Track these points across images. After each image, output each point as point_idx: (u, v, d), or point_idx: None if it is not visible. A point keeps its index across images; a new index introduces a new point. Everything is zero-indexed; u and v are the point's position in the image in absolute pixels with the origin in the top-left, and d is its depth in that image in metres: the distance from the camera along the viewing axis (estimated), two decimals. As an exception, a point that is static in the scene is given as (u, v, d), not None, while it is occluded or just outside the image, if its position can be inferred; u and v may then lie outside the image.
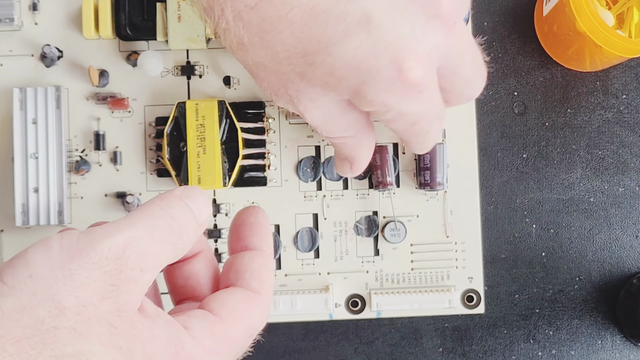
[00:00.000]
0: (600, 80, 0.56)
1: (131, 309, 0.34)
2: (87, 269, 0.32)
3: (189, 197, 0.38)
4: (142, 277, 0.34)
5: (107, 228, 0.34)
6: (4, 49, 0.54)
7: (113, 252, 0.33)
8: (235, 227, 0.42)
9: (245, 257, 0.40)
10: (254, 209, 0.42)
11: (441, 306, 0.54)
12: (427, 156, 0.54)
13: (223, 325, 0.37)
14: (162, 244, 0.35)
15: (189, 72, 0.55)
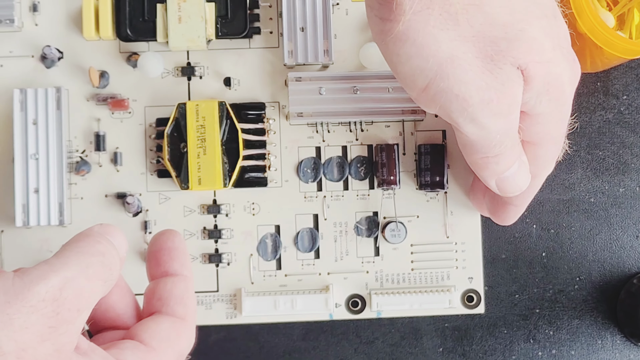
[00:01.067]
0: (600, 81, 0.56)
1: (69, 349, 0.34)
2: (24, 312, 0.32)
3: (108, 234, 0.38)
4: (79, 316, 0.34)
5: (42, 269, 0.34)
6: (4, 50, 0.54)
7: (50, 294, 0.33)
8: (154, 253, 0.42)
9: (167, 283, 0.41)
10: (171, 233, 0.42)
11: (441, 306, 0.54)
12: (428, 157, 0.54)
13: (155, 356, 0.38)
14: (95, 282, 0.35)
15: (189, 73, 0.55)
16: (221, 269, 0.54)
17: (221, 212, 0.54)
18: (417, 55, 0.35)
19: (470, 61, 0.35)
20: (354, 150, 0.55)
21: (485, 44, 0.35)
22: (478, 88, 0.36)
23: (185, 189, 0.52)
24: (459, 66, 0.35)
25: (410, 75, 0.36)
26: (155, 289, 0.41)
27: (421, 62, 0.35)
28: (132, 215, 0.54)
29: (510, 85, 0.37)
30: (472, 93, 0.36)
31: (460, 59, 0.35)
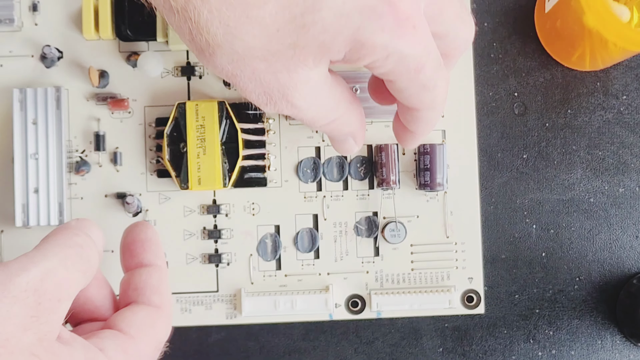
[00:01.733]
0: (600, 81, 0.56)
1: (51, 338, 0.35)
2: (7, 303, 0.33)
3: (85, 227, 0.39)
4: (60, 306, 0.35)
5: (22, 261, 0.35)
6: (4, 49, 0.54)
7: (31, 285, 0.34)
8: (127, 245, 0.44)
9: (142, 274, 0.42)
10: (143, 225, 0.44)
11: (441, 306, 0.54)
12: (427, 157, 0.54)
13: (134, 344, 0.39)
14: (75, 273, 0.37)
15: (189, 72, 0.55)
16: (221, 269, 0.54)
17: (221, 212, 0.54)
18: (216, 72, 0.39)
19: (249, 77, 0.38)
20: (353, 150, 0.55)
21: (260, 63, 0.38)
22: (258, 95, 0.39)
23: (185, 188, 0.52)
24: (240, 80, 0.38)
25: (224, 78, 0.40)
26: (131, 279, 0.42)
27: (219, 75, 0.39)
28: (132, 215, 0.54)
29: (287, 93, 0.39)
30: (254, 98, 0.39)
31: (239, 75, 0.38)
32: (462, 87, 0.55)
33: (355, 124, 0.45)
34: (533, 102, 0.56)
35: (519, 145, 0.56)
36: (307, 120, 0.41)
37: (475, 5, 0.56)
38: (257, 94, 0.39)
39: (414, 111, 0.43)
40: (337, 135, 0.45)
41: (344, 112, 0.43)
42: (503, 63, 0.56)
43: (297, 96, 0.39)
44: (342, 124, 0.44)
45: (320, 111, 0.41)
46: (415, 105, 0.42)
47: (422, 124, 0.44)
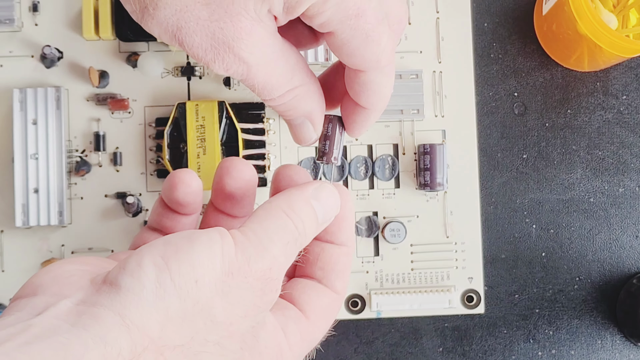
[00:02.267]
0: (600, 81, 0.56)
1: (261, 327, 0.35)
2: (241, 288, 0.33)
3: (317, 198, 0.38)
4: (275, 295, 0.35)
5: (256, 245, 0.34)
6: (4, 49, 0.54)
7: (262, 273, 0.34)
8: None
9: (333, 254, 0.40)
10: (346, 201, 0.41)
11: (441, 306, 0.54)
12: (427, 157, 0.54)
13: (312, 330, 0.39)
14: (290, 259, 0.36)
15: (189, 73, 0.55)
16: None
17: (221, 212, 0.54)
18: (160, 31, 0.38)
19: (194, 28, 0.37)
20: (353, 150, 0.55)
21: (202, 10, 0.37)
22: (205, 50, 0.38)
23: (185, 188, 0.52)
24: (186, 34, 0.37)
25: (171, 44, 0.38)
26: (320, 256, 0.40)
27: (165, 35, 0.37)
28: (132, 215, 0.54)
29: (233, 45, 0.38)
30: (201, 54, 0.38)
31: (184, 27, 0.37)
32: (462, 87, 0.55)
33: (314, 103, 0.43)
34: (533, 102, 0.56)
35: (518, 145, 0.56)
36: (260, 85, 0.40)
37: (475, 5, 0.56)
38: (203, 49, 0.38)
39: (361, 74, 0.41)
40: (294, 115, 0.43)
41: (301, 84, 0.41)
42: (503, 63, 0.56)
43: (243, 47, 0.38)
44: (298, 98, 0.42)
45: (272, 74, 0.40)
46: (360, 64, 0.41)
47: (372, 93, 0.42)
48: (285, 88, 0.40)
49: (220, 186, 0.42)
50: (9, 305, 0.34)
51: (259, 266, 0.34)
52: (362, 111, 0.43)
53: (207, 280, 0.32)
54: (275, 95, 0.40)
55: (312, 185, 0.39)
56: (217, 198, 0.42)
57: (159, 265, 0.32)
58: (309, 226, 0.37)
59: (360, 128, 0.45)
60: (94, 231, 0.54)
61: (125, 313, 0.30)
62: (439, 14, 0.55)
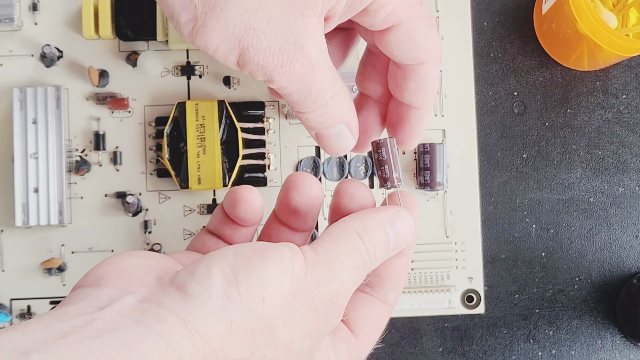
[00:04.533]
0: (600, 81, 0.56)
1: (317, 349, 0.35)
2: (306, 309, 0.33)
3: (392, 225, 0.37)
4: (338, 320, 0.35)
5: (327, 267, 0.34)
6: (4, 49, 0.54)
7: (329, 297, 0.33)
8: None
9: (391, 262, 0.39)
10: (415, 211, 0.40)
11: (441, 306, 0.54)
12: (427, 156, 0.54)
13: (360, 349, 0.38)
14: (357, 284, 0.36)
15: (189, 72, 0.55)
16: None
17: (221, 211, 0.54)
18: (221, 39, 0.37)
19: (264, 28, 0.36)
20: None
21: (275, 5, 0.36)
22: (273, 53, 0.37)
23: (185, 188, 0.52)
24: (254, 36, 0.36)
25: (226, 59, 0.38)
26: None
27: (226, 44, 0.37)
28: (131, 214, 0.54)
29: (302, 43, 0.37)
30: (268, 59, 0.37)
31: (254, 28, 0.36)
32: (461, 87, 0.55)
33: (350, 107, 0.42)
34: (533, 101, 0.56)
35: (518, 145, 0.56)
36: (315, 90, 0.39)
37: (475, 4, 0.56)
38: (271, 53, 0.37)
39: (419, 68, 0.41)
40: (333, 122, 0.42)
41: (341, 88, 0.41)
42: (503, 62, 0.56)
43: (312, 44, 0.37)
44: (339, 104, 0.41)
45: (326, 76, 0.39)
46: (422, 55, 0.41)
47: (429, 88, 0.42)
48: (332, 92, 0.40)
49: (286, 200, 0.41)
50: (71, 293, 0.33)
51: (327, 290, 0.33)
52: (416, 114, 0.43)
53: (274, 298, 0.32)
54: (324, 101, 0.40)
55: (389, 211, 0.38)
56: (281, 211, 0.42)
57: (227, 277, 0.31)
58: (380, 252, 0.37)
59: (417, 134, 0.44)
60: (94, 231, 0.54)
61: (189, 319, 0.30)
62: (439, 14, 0.55)
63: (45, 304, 0.54)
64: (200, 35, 0.37)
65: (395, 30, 0.40)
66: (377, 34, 0.41)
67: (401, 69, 0.42)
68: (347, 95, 0.42)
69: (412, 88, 0.42)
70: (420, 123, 0.44)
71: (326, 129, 0.42)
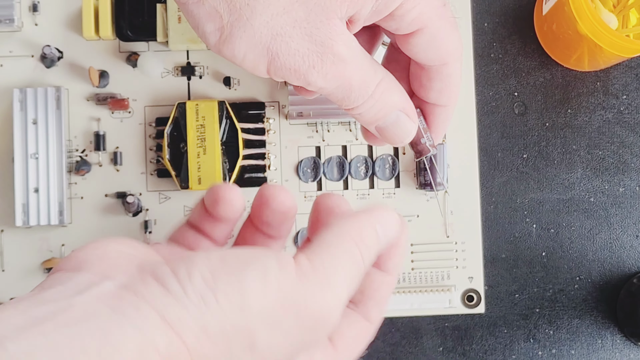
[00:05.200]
0: (600, 81, 0.56)
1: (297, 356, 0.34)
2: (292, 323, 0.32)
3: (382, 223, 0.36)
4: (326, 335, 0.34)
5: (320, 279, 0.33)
6: (4, 49, 0.54)
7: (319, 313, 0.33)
8: None
9: (376, 280, 0.39)
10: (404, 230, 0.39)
11: (441, 306, 0.54)
12: (427, 157, 0.54)
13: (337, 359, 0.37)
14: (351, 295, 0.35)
15: (189, 72, 0.55)
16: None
17: (221, 211, 0.54)
18: (248, 48, 0.37)
19: (290, 32, 0.37)
20: (353, 149, 0.55)
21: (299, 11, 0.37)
22: (303, 56, 0.37)
23: (185, 188, 0.52)
24: (282, 41, 0.37)
25: (255, 67, 0.38)
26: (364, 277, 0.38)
27: (254, 52, 0.37)
28: (132, 215, 0.54)
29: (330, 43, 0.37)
30: (299, 62, 0.37)
31: (281, 34, 0.37)
32: (462, 87, 0.55)
33: (401, 92, 0.41)
34: (533, 101, 0.56)
35: (519, 145, 0.56)
36: (356, 84, 0.39)
37: (475, 5, 0.56)
38: (301, 55, 0.37)
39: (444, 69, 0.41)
40: (387, 111, 0.41)
41: (385, 75, 0.40)
42: (503, 63, 0.56)
43: (340, 43, 0.37)
44: (387, 91, 0.41)
45: (364, 68, 0.39)
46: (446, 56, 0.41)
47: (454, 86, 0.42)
48: (375, 81, 0.40)
49: (258, 213, 0.40)
50: (51, 275, 0.33)
51: (316, 306, 0.32)
52: (442, 111, 0.43)
53: (254, 308, 0.31)
54: (369, 92, 0.40)
55: (378, 210, 0.37)
56: (255, 219, 0.41)
57: (207, 281, 0.31)
58: (373, 255, 0.36)
59: (443, 130, 0.44)
60: (94, 231, 0.54)
61: (165, 313, 0.30)
62: (439, 14, 0.55)
63: (46, 304, 0.54)
64: (228, 45, 0.37)
65: (420, 34, 0.40)
66: (401, 37, 0.41)
67: (425, 70, 0.42)
68: (393, 81, 0.41)
69: (437, 88, 0.42)
70: (446, 120, 0.44)
71: (383, 119, 0.41)
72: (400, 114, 0.41)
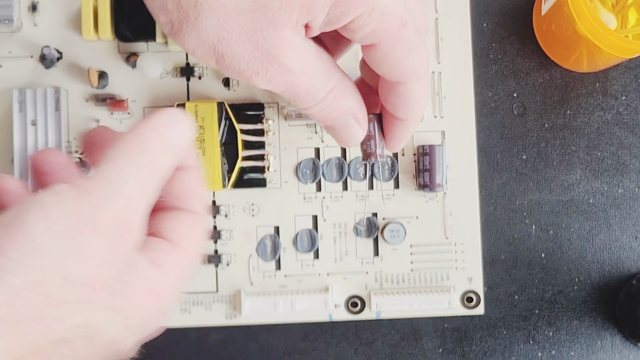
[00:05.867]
0: (599, 82, 0.56)
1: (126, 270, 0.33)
2: (92, 238, 0.32)
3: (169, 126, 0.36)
4: (137, 236, 0.34)
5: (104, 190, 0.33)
6: (3, 50, 0.54)
7: (114, 219, 0.32)
8: None
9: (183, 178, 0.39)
10: None
11: (441, 307, 0.54)
12: (427, 158, 0.54)
13: (184, 255, 0.37)
14: (151, 195, 0.35)
15: (188, 73, 0.55)
16: (220, 269, 0.54)
17: (220, 212, 0.54)
18: (197, 45, 0.38)
19: (236, 38, 0.37)
20: (353, 151, 0.55)
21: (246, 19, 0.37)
22: (247, 62, 0.38)
23: (185, 189, 0.52)
24: (228, 45, 0.37)
25: (205, 61, 0.39)
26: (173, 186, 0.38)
27: (202, 49, 0.38)
28: (131, 216, 0.54)
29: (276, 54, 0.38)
30: (243, 67, 0.38)
31: (227, 39, 0.37)
32: (461, 88, 0.55)
33: (354, 99, 0.42)
34: (532, 102, 0.56)
35: (518, 146, 0.56)
36: (304, 91, 0.40)
37: (474, 5, 0.56)
38: (246, 61, 0.38)
39: (400, 86, 0.42)
40: (337, 115, 0.42)
41: (338, 82, 0.41)
42: (502, 64, 0.56)
43: (287, 54, 0.38)
44: (339, 97, 0.41)
45: (313, 76, 0.40)
46: (402, 75, 0.41)
47: (411, 104, 0.43)
48: (326, 89, 0.40)
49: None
50: None
51: (110, 212, 0.32)
52: (400, 124, 0.44)
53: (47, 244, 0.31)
54: (318, 98, 0.40)
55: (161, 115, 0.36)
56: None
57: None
58: (165, 157, 0.35)
59: (400, 141, 0.45)
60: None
61: None
62: (438, 14, 0.55)
63: (45, 305, 0.54)
64: (178, 38, 0.38)
65: (375, 49, 0.40)
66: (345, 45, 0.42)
67: (384, 82, 0.42)
68: (349, 87, 0.42)
69: (393, 102, 0.43)
70: (403, 132, 0.44)
71: (331, 122, 0.42)
72: (349, 118, 0.42)
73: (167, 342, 0.54)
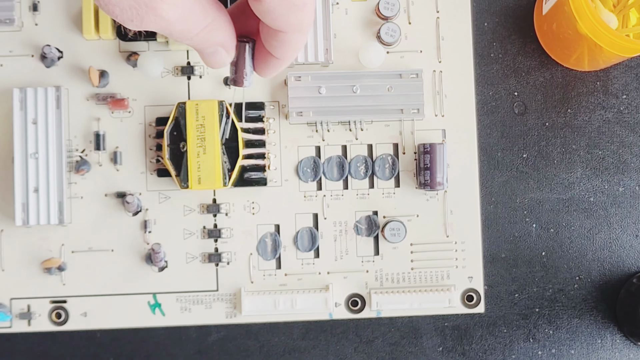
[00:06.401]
0: (600, 81, 0.56)
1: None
2: None
3: None
4: None
5: None
6: (4, 49, 0.54)
7: None
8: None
9: None
10: None
11: (441, 305, 0.54)
12: (427, 156, 0.54)
13: None
14: None
15: (189, 72, 0.55)
16: (221, 268, 0.54)
17: (221, 211, 0.54)
18: None
19: None
20: (353, 149, 0.55)
21: None
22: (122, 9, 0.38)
23: (185, 188, 0.52)
24: None
25: None
26: None
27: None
28: (131, 214, 0.54)
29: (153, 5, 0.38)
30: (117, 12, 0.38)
31: None
32: (462, 87, 0.55)
33: (226, 32, 0.43)
34: (533, 101, 0.56)
35: (519, 145, 0.56)
36: (177, 34, 0.40)
37: (476, 4, 0.56)
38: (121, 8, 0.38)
39: (281, 34, 0.42)
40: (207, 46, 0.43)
41: (214, 19, 0.41)
42: (503, 62, 0.56)
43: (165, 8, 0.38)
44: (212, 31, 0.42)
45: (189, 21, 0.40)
46: (284, 28, 0.41)
47: (289, 49, 0.43)
48: (200, 27, 0.41)
49: None
50: None
51: None
52: (274, 60, 0.44)
53: None
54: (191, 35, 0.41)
55: None
56: None
57: None
58: None
59: (271, 73, 0.45)
60: (94, 230, 0.54)
61: None
62: (439, 14, 0.55)
63: (46, 303, 0.54)
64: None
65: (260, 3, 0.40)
66: None
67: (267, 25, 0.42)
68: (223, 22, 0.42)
69: (272, 44, 0.43)
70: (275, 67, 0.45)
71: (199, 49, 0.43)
72: (219, 48, 0.43)
73: (168, 341, 0.55)
